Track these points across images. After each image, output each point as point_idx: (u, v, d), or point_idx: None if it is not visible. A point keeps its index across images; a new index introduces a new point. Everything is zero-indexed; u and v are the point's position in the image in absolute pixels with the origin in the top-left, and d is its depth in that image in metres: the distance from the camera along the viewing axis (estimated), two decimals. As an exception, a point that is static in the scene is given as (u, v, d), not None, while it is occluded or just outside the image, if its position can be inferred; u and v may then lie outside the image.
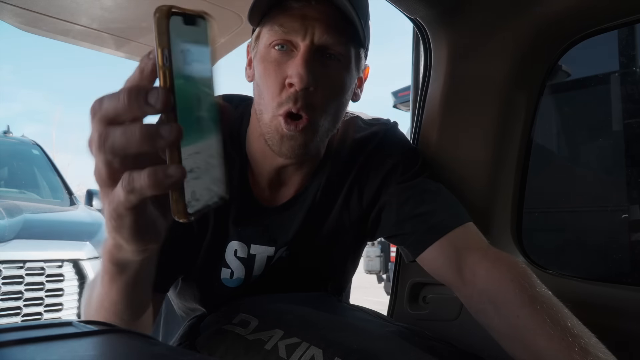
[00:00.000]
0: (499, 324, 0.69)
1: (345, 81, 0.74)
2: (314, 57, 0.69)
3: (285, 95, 0.70)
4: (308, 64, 0.68)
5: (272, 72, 0.71)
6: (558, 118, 1.30)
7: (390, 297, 1.08)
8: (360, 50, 0.76)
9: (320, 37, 0.69)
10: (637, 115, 1.23)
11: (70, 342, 0.37)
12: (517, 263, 0.73)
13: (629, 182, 1.20)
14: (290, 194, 0.83)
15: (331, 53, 0.71)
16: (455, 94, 0.96)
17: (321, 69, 0.70)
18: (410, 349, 0.64)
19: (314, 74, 0.68)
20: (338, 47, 0.70)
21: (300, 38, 0.69)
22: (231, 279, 0.83)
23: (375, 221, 0.86)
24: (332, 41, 0.69)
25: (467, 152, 0.97)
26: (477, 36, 0.93)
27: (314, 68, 0.69)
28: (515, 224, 1.01)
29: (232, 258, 0.82)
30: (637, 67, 1.26)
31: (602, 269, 1.19)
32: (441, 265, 0.78)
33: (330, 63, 0.71)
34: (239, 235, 0.81)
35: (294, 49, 0.70)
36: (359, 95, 0.83)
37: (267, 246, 0.82)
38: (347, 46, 0.72)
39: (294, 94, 0.69)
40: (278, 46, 0.70)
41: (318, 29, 0.68)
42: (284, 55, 0.70)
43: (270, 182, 0.82)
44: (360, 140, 0.86)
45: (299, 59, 0.68)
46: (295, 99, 0.69)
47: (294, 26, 0.68)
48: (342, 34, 0.70)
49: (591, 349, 0.59)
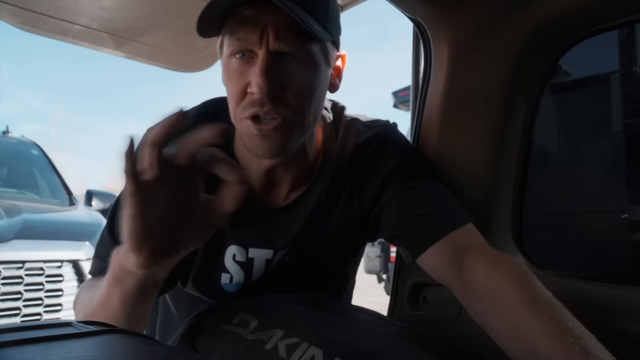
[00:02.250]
0: (499, 325, 0.69)
1: (313, 78, 0.73)
2: (274, 63, 0.68)
3: (249, 100, 0.70)
4: (267, 72, 0.67)
5: (234, 81, 0.71)
6: (558, 118, 1.30)
7: (390, 298, 1.08)
8: (325, 44, 0.74)
9: (274, 43, 0.68)
10: (637, 115, 1.23)
11: (70, 342, 0.37)
12: (517, 264, 0.73)
13: (629, 182, 1.20)
14: (284, 195, 0.83)
15: (291, 55, 0.70)
16: (455, 94, 0.96)
17: (283, 73, 0.69)
18: (410, 349, 0.64)
19: (275, 80, 0.68)
20: (295, 49, 0.69)
21: (257, 46, 0.68)
22: (231, 284, 0.83)
23: (376, 222, 0.86)
24: (288, 46, 0.69)
25: (467, 152, 0.97)
26: (477, 36, 0.93)
27: (276, 74, 0.68)
28: (515, 224, 1.01)
29: (231, 263, 0.82)
30: (637, 67, 1.26)
31: (603, 269, 1.19)
32: (441, 266, 0.78)
33: (292, 65, 0.70)
34: (237, 239, 0.81)
35: (254, 56, 0.70)
36: (337, 85, 0.82)
37: (265, 249, 0.82)
38: (306, 46, 0.71)
39: (259, 100, 0.69)
40: (239, 54, 0.70)
41: (272, 35, 0.68)
42: (245, 63, 0.70)
43: (263, 184, 0.82)
44: (361, 143, 0.85)
45: (257, 68, 0.68)
46: (261, 103, 0.69)
47: (249, 36, 0.68)
48: (297, 36, 0.69)
49: (592, 350, 0.59)
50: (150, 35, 1.28)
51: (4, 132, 4.14)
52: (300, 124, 0.73)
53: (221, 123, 0.50)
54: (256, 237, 0.82)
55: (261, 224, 0.82)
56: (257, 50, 0.69)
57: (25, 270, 2.36)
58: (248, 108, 0.70)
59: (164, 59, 1.46)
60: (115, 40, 1.32)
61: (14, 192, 3.34)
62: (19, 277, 2.34)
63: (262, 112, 0.69)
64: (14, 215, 2.54)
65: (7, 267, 2.30)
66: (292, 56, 0.70)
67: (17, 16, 1.18)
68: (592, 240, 1.24)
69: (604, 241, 1.22)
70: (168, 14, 1.20)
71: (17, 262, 2.34)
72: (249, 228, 0.81)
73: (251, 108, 0.70)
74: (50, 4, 1.14)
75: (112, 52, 1.40)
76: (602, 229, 1.22)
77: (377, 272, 6.10)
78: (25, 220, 2.55)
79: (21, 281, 2.34)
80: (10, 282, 2.31)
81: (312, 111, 0.74)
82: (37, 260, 2.41)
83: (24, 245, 2.39)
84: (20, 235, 2.40)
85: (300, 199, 0.83)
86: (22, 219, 2.54)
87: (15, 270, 2.33)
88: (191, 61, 1.45)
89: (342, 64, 0.82)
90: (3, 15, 1.18)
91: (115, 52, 1.41)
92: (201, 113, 0.85)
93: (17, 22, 1.22)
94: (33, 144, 3.91)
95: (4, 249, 2.29)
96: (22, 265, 2.35)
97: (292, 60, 0.70)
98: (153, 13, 1.19)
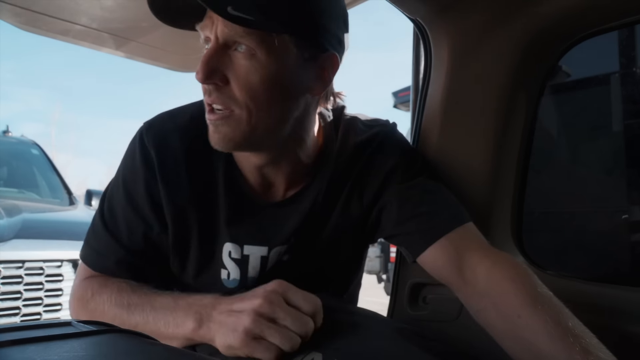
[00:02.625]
0: (500, 324, 0.69)
1: (265, 74, 0.67)
2: (219, 51, 0.67)
3: (203, 89, 0.70)
4: (207, 60, 0.66)
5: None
6: (558, 118, 1.30)
7: (390, 298, 1.08)
8: (287, 40, 0.68)
9: (222, 32, 0.66)
10: (637, 116, 1.23)
11: (70, 342, 0.37)
12: (517, 264, 0.73)
13: (629, 182, 1.20)
14: (281, 194, 0.83)
15: (241, 45, 0.67)
16: (455, 94, 0.96)
17: (228, 64, 0.68)
18: (410, 350, 0.64)
19: (216, 69, 0.67)
20: (243, 38, 0.66)
21: (210, 33, 0.68)
22: (229, 280, 0.83)
23: (376, 222, 0.86)
24: (232, 33, 0.66)
25: (468, 152, 0.97)
26: (477, 36, 0.93)
27: (218, 63, 0.67)
28: (515, 224, 1.01)
29: (227, 259, 0.82)
30: (637, 68, 1.26)
31: (602, 270, 1.19)
32: (442, 265, 0.78)
33: (240, 55, 0.67)
34: (232, 237, 0.81)
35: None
36: (318, 89, 0.75)
37: (260, 246, 0.82)
38: (257, 38, 0.66)
39: (207, 89, 0.69)
40: (206, 43, 0.70)
41: (220, 23, 0.66)
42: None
43: (258, 181, 0.82)
44: (360, 143, 0.85)
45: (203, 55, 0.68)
46: (208, 92, 0.69)
47: (205, 22, 0.68)
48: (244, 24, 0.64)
49: (592, 350, 0.59)
50: (150, 35, 1.27)
51: (4, 132, 4.14)
52: (246, 121, 0.69)
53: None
54: (251, 234, 0.82)
55: (257, 222, 0.82)
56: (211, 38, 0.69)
57: (25, 270, 2.36)
58: (204, 96, 0.71)
59: (164, 59, 1.46)
60: (116, 40, 1.32)
61: (13, 192, 3.34)
62: (19, 277, 2.33)
63: (210, 101, 0.69)
64: (14, 215, 2.54)
65: (7, 266, 2.30)
66: (238, 46, 0.67)
67: (18, 16, 1.18)
68: (591, 240, 1.24)
69: (603, 241, 1.22)
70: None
71: (17, 262, 2.33)
72: (245, 225, 0.81)
73: (204, 96, 0.70)
74: (51, 4, 1.14)
75: (113, 52, 1.40)
76: (602, 229, 1.22)
77: (376, 272, 6.10)
78: (25, 219, 2.55)
79: (21, 280, 2.34)
80: (10, 281, 2.30)
81: (263, 108, 0.69)
82: (37, 259, 2.40)
83: (24, 245, 2.39)
84: (20, 235, 2.39)
85: (297, 196, 0.83)
86: (22, 218, 2.54)
87: (15, 269, 2.33)
88: (191, 61, 1.45)
89: (331, 66, 0.74)
90: (4, 15, 1.18)
91: (116, 52, 1.41)
92: (200, 110, 0.85)
93: (17, 22, 1.22)
94: (33, 143, 3.91)
95: (3, 249, 2.29)
96: (21, 264, 2.35)
97: (240, 50, 0.67)
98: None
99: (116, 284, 0.77)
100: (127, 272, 0.80)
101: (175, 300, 0.69)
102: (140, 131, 0.82)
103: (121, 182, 0.82)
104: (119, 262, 0.80)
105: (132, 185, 0.80)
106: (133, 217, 0.80)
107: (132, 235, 0.80)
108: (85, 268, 0.83)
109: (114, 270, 0.80)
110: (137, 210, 0.80)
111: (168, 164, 0.79)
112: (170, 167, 0.79)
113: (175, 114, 0.84)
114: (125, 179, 0.81)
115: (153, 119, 0.83)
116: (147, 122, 0.83)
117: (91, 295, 0.77)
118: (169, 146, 0.79)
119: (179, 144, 0.80)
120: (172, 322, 0.67)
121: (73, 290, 0.82)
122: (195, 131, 0.80)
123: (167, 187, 0.79)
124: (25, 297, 2.34)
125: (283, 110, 0.73)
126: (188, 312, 0.65)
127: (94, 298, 0.77)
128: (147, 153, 0.79)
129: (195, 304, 0.66)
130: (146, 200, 0.79)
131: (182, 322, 0.66)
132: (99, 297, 0.76)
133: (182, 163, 0.79)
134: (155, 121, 0.83)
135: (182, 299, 0.69)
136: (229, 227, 0.81)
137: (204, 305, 0.65)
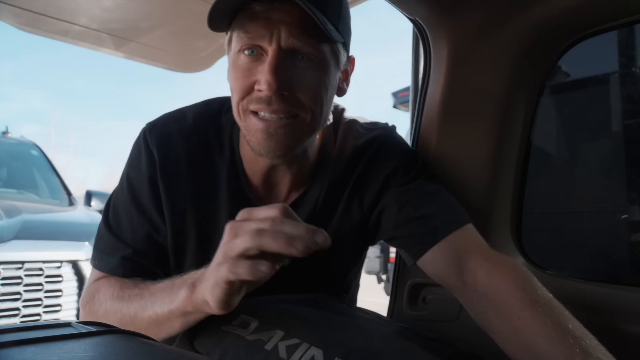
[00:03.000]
0: (500, 326, 0.69)
1: (323, 80, 0.72)
2: (284, 60, 0.67)
3: (256, 96, 0.69)
4: (276, 70, 0.66)
5: (241, 77, 0.70)
6: (557, 119, 1.30)
7: (390, 298, 1.08)
8: (336, 46, 0.73)
9: (286, 40, 0.67)
10: (636, 116, 1.23)
11: (69, 343, 0.37)
12: (517, 266, 0.73)
13: (629, 182, 1.20)
14: (283, 196, 0.83)
15: (302, 54, 0.69)
16: (454, 95, 0.96)
17: (293, 72, 0.69)
18: (410, 349, 0.64)
19: (285, 78, 0.67)
20: (307, 47, 0.68)
21: (267, 42, 0.67)
22: None
23: (376, 225, 0.86)
24: (300, 43, 0.68)
25: (467, 153, 0.97)
26: (476, 37, 0.93)
27: (285, 72, 0.67)
28: (515, 224, 1.01)
29: None
30: (637, 68, 1.26)
31: (602, 270, 1.19)
32: (441, 268, 0.78)
33: (303, 64, 0.69)
34: None
35: (263, 53, 0.69)
36: (345, 89, 0.81)
37: None
38: (318, 45, 0.69)
39: (266, 98, 0.68)
40: (247, 51, 0.69)
41: (284, 32, 0.67)
42: (254, 60, 0.69)
43: (264, 183, 0.82)
44: (360, 146, 0.85)
45: (266, 65, 0.67)
46: (268, 101, 0.68)
47: (260, 31, 0.67)
48: (310, 34, 0.68)
49: (592, 351, 0.59)
50: (149, 35, 1.27)
51: (4, 133, 4.14)
52: (308, 125, 0.72)
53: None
54: None
55: None
56: (266, 47, 0.68)
57: (24, 271, 2.35)
58: (254, 103, 0.70)
59: (164, 59, 1.46)
60: (115, 40, 1.32)
61: (13, 193, 3.34)
62: (19, 278, 2.33)
63: (269, 111, 0.69)
64: (14, 216, 2.53)
65: (7, 267, 2.30)
66: (302, 55, 0.69)
67: (17, 16, 1.18)
68: (591, 240, 1.24)
69: (603, 242, 1.22)
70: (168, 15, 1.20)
71: (17, 263, 2.33)
72: None
73: (257, 104, 0.69)
74: (50, 5, 1.14)
75: (112, 52, 1.40)
76: (602, 229, 1.22)
77: (376, 272, 6.10)
78: (25, 220, 2.54)
79: (20, 282, 2.33)
80: (9, 282, 2.30)
81: (321, 112, 0.74)
82: (37, 260, 2.40)
83: (24, 246, 2.38)
84: (19, 236, 2.39)
85: (299, 200, 0.83)
86: (22, 219, 2.53)
87: (15, 270, 2.33)
88: (191, 61, 1.45)
89: (350, 68, 0.82)
90: (3, 15, 1.18)
91: (115, 53, 1.41)
92: (204, 112, 0.85)
93: (17, 23, 1.22)
94: (32, 144, 3.90)
95: (3, 250, 2.28)
96: (21, 265, 2.34)
97: (302, 59, 0.69)
98: (153, 13, 1.19)
99: (119, 281, 0.77)
100: (132, 270, 0.80)
101: (172, 281, 0.67)
102: (143, 131, 0.82)
103: (126, 182, 0.82)
104: (124, 259, 0.79)
105: (136, 185, 0.81)
106: (137, 216, 0.80)
107: (135, 235, 0.81)
108: (94, 272, 0.83)
109: (119, 267, 0.80)
110: (141, 210, 0.80)
111: (169, 164, 0.79)
112: (172, 167, 0.79)
113: (179, 115, 0.84)
114: (130, 179, 0.82)
115: (156, 120, 0.84)
116: (150, 122, 0.83)
117: (97, 293, 0.77)
118: (171, 147, 0.80)
119: (181, 145, 0.80)
120: (168, 299, 0.64)
121: (83, 293, 0.83)
122: (199, 133, 0.81)
123: (167, 187, 0.79)
124: (25, 298, 2.34)
125: (328, 113, 0.78)
126: (181, 285, 0.63)
127: (98, 296, 0.77)
128: (150, 153, 0.79)
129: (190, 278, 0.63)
130: (150, 200, 0.79)
131: (176, 295, 0.63)
132: (102, 294, 0.76)
133: (183, 164, 0.79)
134: (159, 122, 0.83)
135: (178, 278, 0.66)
136: None
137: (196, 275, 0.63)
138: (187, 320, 0.64)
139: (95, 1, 1.12)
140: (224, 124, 0.82)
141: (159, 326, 0.66)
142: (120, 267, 0.79)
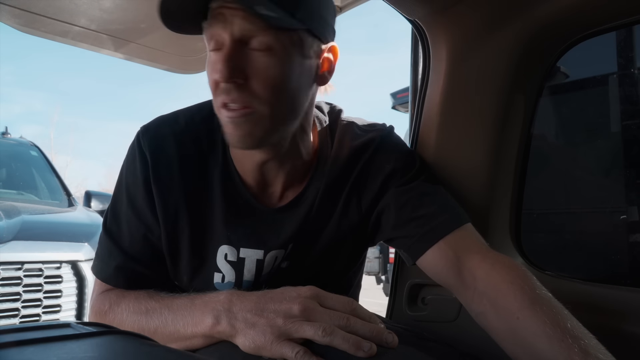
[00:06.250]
0: (499, 326, 0.69)
1: (284, 69, 0.70)
2: (237, 50, 0.68)
3: (219, 89, 0.70)
4: (228, 58, 0.67)
5: (210, 73, 0.71)
6: (556, 119, 1.31)
7: (389, 298, 1.08)
8: (298, 33, 0.71)
9: (238, 31, 0.67)
10: (635, 117, 1.23)
11: (69, 343, 0.37)
12: (516, 265, 0.73)
13: (628, 183, 1.20)
14: (279, 195, 0.83)
15: (254, 42, 0.69)
16: (454, 95, 0.96)
17: (247, 61, 0.69)
18: (409, 350, 0.64)
19: (237, 66, 0.68)
20: (261, 36, 0.68)
21: (224, 36, 0.68)
22: (223, 283, 0.83)
23: (375, 226, 0.86)
24: (250, 33, 0.68)
25: (466, 153, 0.97)
26: (475, 37, 0.93)
27: (237, 60, 0.68)
28: (514, 225, 1.02)
29: (222, 262, 0.82)
30: (636, 69, 1.27)
31: (601, 270, 1.19)
32: (440, 268, 0.78)
33: (257, 53, 0.69)
34: (229, 239, 0.81)
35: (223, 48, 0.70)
36: (327, 78, 0.79)
37: (255, 249, 0.82)
38: (274, 34, 0.68)
39: (226, 88, 0.69)
40: (215, 49, 0.71)
41: (236, 23, 0.67)
42: (218, 54, 0.70)
43: (257, 182, 0.82)
44: (358, 147, 0.85)
45: (219, 54, 0.68)
46: (227, 91, 0.69)
47: (218, 27, 0.68)
48: (260, 23, 0.67)
49: (591, 351, 0.59)
50: (149, 36, 1.27)
51: (3, 133, 4.13)
52: (269, 114, 0.71)
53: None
54: (248, 237, 0.82)
55: (254, 224, 0.82)
56: (225, 41, 0.69)
57: (24, 272, 2.35)
58: (219, 96, 0.71)
59: (163, 60, 1.46)
60: (115, 41, 1.32)
61: (12, 193, 3.34)
62: (18, 278, 2.33)
63: (229, 100, 0.70)
64: (13, 216, 2.53)
65: (6, 268, 2.29)
66: (254, 43, 0.69)
67: (17, 17, 1.18)
68: (590, 241, 1.24)
69: (602, 242, 1.22)
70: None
71: (16, 263, 2.33)
72: (242, 228, 0.81)
73: (220, 96, 0.70)
74: (50, 6, 1.14)
75: (112, 53, 1.40)
76: (601, 229, 1.22)
77: (375, 273, 6.10)
78: (24, 221, 2.54)
79: (20, 282, 2.33)
80: (9, 283, 2.30)
81: (283, 102, 0.72)
82: (36, 261, 2.40)
83: (23, 247, 2.38)
84: (19, 237, 2.39)
85: (295, 201, 0.83)
86: (21, 220, 2.53)
87: (14, 271, 2.32)
88: (190, 62, 1.46)
89: (333, 56, 0.79)
90: (2, 16, 1.18)
91: (115, 54, 1.41)
92: (196, 114, 0.85)
93: (16, 24, 1.22)
94: (32, 145, 3.90)
95: (2, 250, 2.28)
96: (20, 266, 2.34)
97: (256, 49, 0.69)
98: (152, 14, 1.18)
99: (133, 294, 0.78)
100: (125, 279, 0.80)
101: (191, 300, 0.69)
102: (137, 135, 0.83)
103: (123, 185, 0.83)
104: (118, 268, 0.80)
105: (132, 188, 0.81)
106: (134, 220, 0.81)
107: (132, 239, 0.81)
108: (100, 282, 0.84)
109: (112, 277, 0.81)
110: (137, 212, 0.81)
111: (162, 167, 0.80)
112: (164, 170, 0.80)
113: (172, 118, 0.84)
114: (127, 183, 0.82)
115: (150, 123, 0.84)
116: (144, 125, 0.84)
117: (109, 307, 0.78)
118: (164, 150, 0.80)
119: (174, 148, 0.80)
120: (191, 321, 0.67)
121: (91, 305, 0.83)
122: (191, 136, 0.81)
123: (160, 190, 0.79)
124: (24, 299, 2.34)
125: (299, 102, 0.76)
126: (205, 310, 0.65)
127: (112, 309, 0.77)
128: (143, 156, 0.80)
129: (211, 301, 0.66)
130: (145, 203, 0.80)
131: (200, 320, 0.65)
132: (117, 307, 0.77)
133: (175, 167, 0.80)
134: (152, 125, 0.84)
135: (198, 298, 0.69)
136: (226, 229, 0.81)
137: (220, 301, 0.65)
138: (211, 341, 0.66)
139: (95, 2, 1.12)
140: (216, 125, 0.82)
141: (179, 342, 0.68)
142: (113, 277, 0.81)
